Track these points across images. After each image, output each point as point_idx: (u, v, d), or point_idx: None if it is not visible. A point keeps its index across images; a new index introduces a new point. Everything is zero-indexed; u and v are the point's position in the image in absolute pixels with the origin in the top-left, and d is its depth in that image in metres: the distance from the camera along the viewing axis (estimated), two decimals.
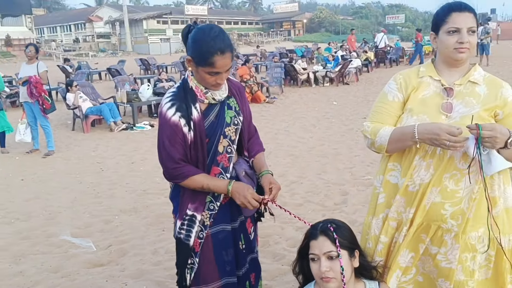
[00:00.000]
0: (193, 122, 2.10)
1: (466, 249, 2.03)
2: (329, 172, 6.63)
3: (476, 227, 2.03)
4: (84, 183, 6.72)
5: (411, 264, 2.16)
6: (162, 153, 2.14)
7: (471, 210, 2.01)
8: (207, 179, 2.13)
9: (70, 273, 3.85)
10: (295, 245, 4.23)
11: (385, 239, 2.17)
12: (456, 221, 2.02)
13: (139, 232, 4.78)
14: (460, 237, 2.02)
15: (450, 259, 2.04)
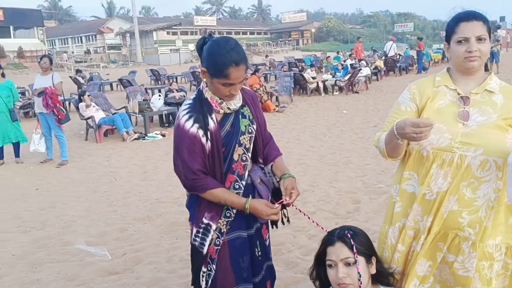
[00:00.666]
0: (210, 133, 2.15)
1: (484, 257, 2.04)
2: (341, 181, 6.64)
3: (493, 235, 2.04)
4: (98, 192, 6.79)
5: (429, 273, 2.17)
6: (181, 165, 2.17)
7: (489, 219, 2.02)
8: (225, 194, 2.18)
9: (86, 281, 3.90)
10: (308, 254, 4.24)
11: (402, 248, 2.18)
12: (474, 230, 2.03)
13: (154, 240, 4.83)
14: (477, 245, 2.03)
15: (467, 268, 2.05)
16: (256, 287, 2.35)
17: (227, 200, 2.17)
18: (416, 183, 2.15)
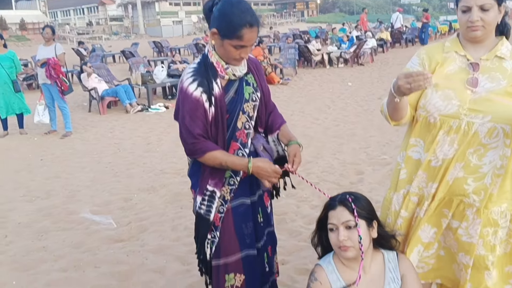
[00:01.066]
0: (215, 98, 2.11)
1: (488, 223, 2.03)
2: (345, 152, 6.64)
3: (499, 202, 2.03)
4: (102, 163, 6.82)
5: (433, 239, 2.17)
6: (182, 128, 2.14)
7: (494, 186, 2.00)
8: (226, 156, 2.14)
9: (91, 249, 3.95)
10: (311, 223, 4.27)
11: (405, 214, 2.18)
12: (478, 196, 2.02)
13: (158, 209, 4.87)
14: (482, 212, 2.02)
15: (471, 234, 2.05)
16: (259, 252, 2.37)
17: (228, 161, 2.12)
18: (422, 149, 2.14)
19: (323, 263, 1.96)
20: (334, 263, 1.94)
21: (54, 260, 3.76)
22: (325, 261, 1.97)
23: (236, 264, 2.20)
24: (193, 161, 2.28)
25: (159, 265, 3.58)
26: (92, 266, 3.61)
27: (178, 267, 3.54)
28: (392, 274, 1.91)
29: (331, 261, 1.95)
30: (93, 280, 3.37)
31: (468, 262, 2.08)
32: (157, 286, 3.24)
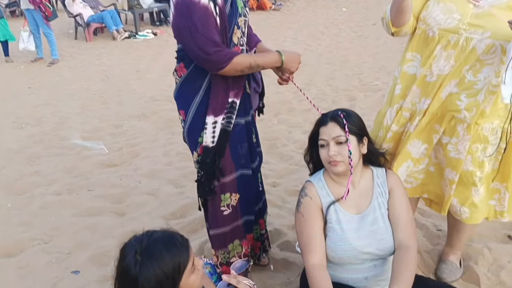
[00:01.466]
0: (219, 7, 1.97)
1: (478, 140, 2.04)
2: (337, 79, 6.57)
3: (491, 118, 2.02)
4: (91, 90, 6.72)
5: (424, 155, 2.19)
6: (198, 40, 1.91)
7: (488, 103, 1.98)
8: (253, 56, 2.03)
9: (84, 173, 3.98)
10: (302, 147, 4.30)
11: (396, 128, 2.19)
12: (470, 113, 2.01)
13: (149, 136, 4.86)
14: (472, 128, 2.02)
15: (459, 150, 2.06)
16: (253, 173, 2.38)
17: (257, 60, 2.02)
18: (419, 64, 2.10)
19: (314, 180, 1.98)
20: (324, 179, 1.96)
21: (48, 184, 3.79)
22: (315, 178, 1.99)
23: (232, 184, 2.21)
24: (182, 82, 2.18)
25: (152, 188, 3.62)
26: (86, 190, 3.65)
27: (171, 189, 3.58)
28: (380, 188, 1.94)
29: (321, 178, 1.97)
30: (87, 202, 3.42)
31: (454, 177, 2.11)
32: (151, 207, 3.29)
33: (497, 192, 2.18)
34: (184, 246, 1.38)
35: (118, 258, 1.36)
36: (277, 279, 2.46)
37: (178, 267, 1.34)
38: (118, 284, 1.36)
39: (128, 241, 1.38)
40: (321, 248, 1.86)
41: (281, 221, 3.00)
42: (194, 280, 1.41)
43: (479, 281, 2.30)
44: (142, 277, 1.28)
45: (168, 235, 1.39)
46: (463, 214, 2.18)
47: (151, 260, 1.30)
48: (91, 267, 2.60)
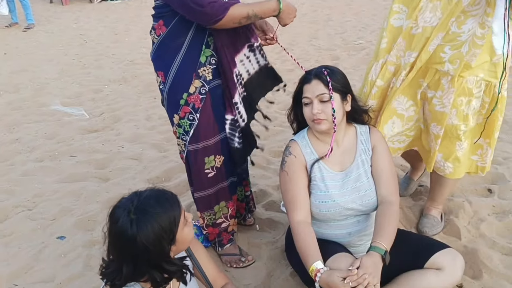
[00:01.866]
0: None
1: (463, 93, 2.04)
2: (321, 38, 6.50)
3: (476, 72, 2.02)
4: (69, 55, 6.55)
5: (414, 112, 2.20)
6: None
7: (473, 56, 1.97)
8: (250, 5, 1.93)
9: (65, 139, 3.92)
10: (285, 108, 4.25)
11: (381, 83, 2.17)
12: (453, 65, 2.00)
13: (131, 100, 4.78)
14: (456, 80, 2.01)
15: (444, 103, 2.07)
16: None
17: (255, 9, 1.93)
18: (405, 16, 2.07)
19: (298, 138, 1.97)
20: (308, 138, 1.95)
21: (29, 151, 3.73)
22: (299, 136, 1.98)
23: (216, 147, 2.19)
24: (161, 40, 2.11)
25: (136, 152, 3.59)
26: (68, 156, 3.60)
27: (155, 154, 3.56)
28: (363, 145, 1.94)
29: (305, 136, 1.96)
30: (70, 168, 3.38)
31: (439, 132, 2.13)
32: (135, 172, 3.27)
33: (479, 148, 2.21)
34: (174, 200, 1.39)
35: (108, 223, 1.34)
36: (263, 238, 2.49)
37: (174, 220, 1.35)
38: (113, 249, 1.35)
39: (115, 205, 1.36)
40: (305, 205, 1.87)
41: (266, 182, 3.02)
42: (187, 232, 1.43)
43: (460, 234, 2.36)
44: (141, 234, 1.27)
45: (158, 191, 1.39)
46: (446, 169, 2.21)
47: (147, 217, 1.30)
48: (77, 232, 2.60)
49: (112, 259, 1.37)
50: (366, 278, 1.55)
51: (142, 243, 1.28)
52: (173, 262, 1.38)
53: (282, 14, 2.02)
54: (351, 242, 1.96)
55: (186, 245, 1.45)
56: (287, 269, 2.20)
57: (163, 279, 1.36)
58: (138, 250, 1.28)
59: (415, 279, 1.81)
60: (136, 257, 1.31)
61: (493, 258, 2.16)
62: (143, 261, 1.31)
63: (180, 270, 1.40)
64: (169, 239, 1.34)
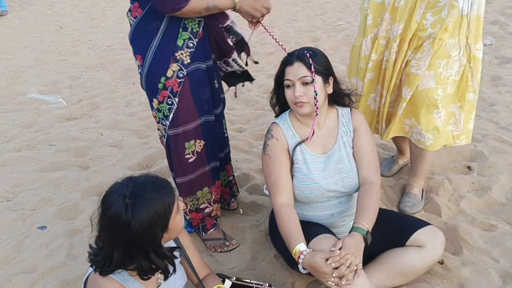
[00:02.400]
0: None
1: (441, 55, 2.11)
2: (300, 20, 6.47)
3: (453, 34, 2.10)
4: (45, 42, 6.40)
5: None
6: None
7: (450, 17, 2.05)
8: None
9: (44, 128, 3.85)
10: (266, 91, 4.26)
11: (375, 57, 2.28)
12: (435, 29, 2.09)
13: (109, 86, 4.71)
14: (436, 42, 2.09)
15: (420, 65, 2.14)
16: (217, 118, 2.34)
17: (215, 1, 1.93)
18: None
19: (279, 121, 1.96)
20: (290, 120, 1.95)
21: (6, 141, 3.65)
22: (281, 119, 1.97)
23: (196, 131, 2.17)
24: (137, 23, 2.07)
25: (116, 139, 3.54)
26: (46, 145, 3.54)
27: (135, 140, 3.52)
28: (345, 127, 1.94)
29: (287, 119, 1.95)
30: (50, 157, 3.32)
31: (407, 95, 2.20)
32: (115, 159, 3.23)
33: (452, 116, 2.28)
34: (169, 187, 1.38)
35: (100, 208, 1.32)
36: (247, 221, 2.49)
37: (168, 207, 1.34)
38: (105, 234, 1.33)
39: (108, 190, 1.34)
40: (288, 188, 1.87)
41: (249, 166, 3.01)
42: (179, 220, 1.43)
43: (440, 211, 2.39)
44: (136, 219, 1.26)
45: (153, 177, 1.38)
46: (427, 141, 2.25)
47: (142, 202, 1.28)
48: (58, 221, 2.56)
49: (102, 246, 1.35)
50: (348, 259, 1.57)
51: (136, 229, 1.26)
52: (163, 252, 1.37)
53: (240, 8, 2.00)
54: (334, 223, 1.97)
55: (177, 233, 1.45)
56: (271, 251, 2.22)
57: (150, 269, 1.35)
58: (132, 236, 1.27)
59: (397, 256, 1.84)
60: (128, 243, 1.29)
61: (473, 234, 2.20)
62: (135, 247, 1.30)
63: (167, 263, 1.39)
64: (162, 226, 1.33)
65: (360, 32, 2.35)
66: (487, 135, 3.10)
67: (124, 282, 1.38)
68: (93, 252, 1.38)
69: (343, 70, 4.54)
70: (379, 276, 1.85)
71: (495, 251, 2.09)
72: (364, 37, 2.32)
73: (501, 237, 2.17)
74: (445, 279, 1.95)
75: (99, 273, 1.34)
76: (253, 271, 2.11)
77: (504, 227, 2.24)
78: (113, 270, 1.34)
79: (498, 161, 2.74)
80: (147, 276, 1.36)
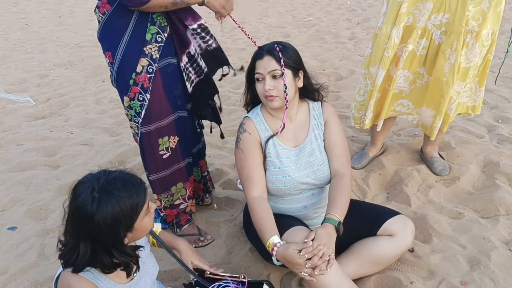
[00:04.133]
0: None
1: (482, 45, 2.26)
2: (271, 16, 6.49)
3: (487, 24, 2.22)
4: (10, 40, 6.23)
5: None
6: None
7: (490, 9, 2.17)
8: None
9: (12, 127, 3.76)
10: (239, 87, 4.28)
11: (411, 47, 2.36)
12: (477, 22, 2.20)
13: (78, 84, 4.63)
14: (479, 36, 2.23)
15: (469, 58, 2.28)
16: (189, 114, 2.34)
17: None
18: None
19: (252, 115, 1.97)
20: (262, 114, 1.96)
21: None
22: (253, 113, 1.98)
23: (169, 127, 2.15)
24: (106, 19, 2.05)
25: (86, 137, 3.49)
26: (14, 144, 3.45)
27: (106, 138, 3.47)
28: (316, 121, 1.97)
29: (259, 113, 1.97)
30: (18, 157, 3.24)
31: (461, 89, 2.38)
32: (86, 157, 3.18)
33: (469, 89, 2.47)
34: (141, 187, 1.36)
35: (70, 197, 1.30)
36: (221, 216, 2.50)
37: (136, 207, 1.32)
38: (69, 224, 1.30)
39: (80, 179, 1.32)
40: (261, 181, 1.89)
41: (222, 161, 3.02)
42: (147, 222, 1.40)
43: (410, 201, 2.45)
44: (99, 214, 1.24)
45: (127, 175, 1.36)
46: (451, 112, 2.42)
47: (109, 198, 1.26)
48: (29, 222, 2.51)
49: (68, 237, 1.33)
50: (321, 249, 1.60)
51: (98, 223, 1.24)
52: (124, 250, 1.35)
53: (209, 4, 2.00)
54: (307, 215, 2.00)
55: (143, 234, 1.43)
56: (246, 245, 2.23)
57: (112, 265, 1.33)
58: (94, 230, 1.26)
59: (369, 246, 1.89)
60: (92, 236, 1.28)
61: (442, 222, 2.27)
62: (97, 241, 1.29)
63: (128, 261, 1.37)
64: (126, 225, 1.31)
65: (388, 21, 2.36)
66: (454, 126, 3.19)
67: (94, 280, 1.36)
68: (62, 244, 1.36)
69: (313, 65, 4.60)
70: (352, 265, 1.89)
71: (462, 238, 2.16)
72: (394, 25, 2.33)
73: (468, 225, 2.24)
74: (415, 267, 2.01)
75: (72, 270, 1.32)
76: (228, 265, 2.13)
77: (471, 215, 2.32)
78: (83, 267, 1.32)
79: (465, 151, 2.82)
80: (109, 271, 1.34)
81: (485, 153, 2.79)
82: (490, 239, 2.12)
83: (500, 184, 2.48)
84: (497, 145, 2.93)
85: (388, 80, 2.48)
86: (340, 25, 6.01)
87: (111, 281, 1.39)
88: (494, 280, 1.89)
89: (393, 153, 2.89)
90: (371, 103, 2.54)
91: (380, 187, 2.66)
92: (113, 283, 1.40)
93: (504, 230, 2.19)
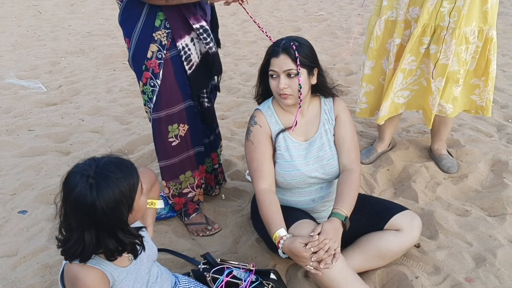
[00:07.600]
0: None
1: (461, 42, 2.29)
2: (282, 10, 6.48)
3: (469, 22, 2.26)
4: (23, 27, 6.27)
5: (415, 67, 2.43)
6: None
7: (466, 6, 2.18)
8: None
9: (23, 113, 3.79)
10: (248, 80, 4.28)
11: (398, 41, 2.42)
12: (453, 18, 2.22)
13: (90, 72, 4.65)
14: (456, 33, 2.23)
15: (448, 55, 2.29)
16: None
17: None
18: None
19: (263, 108, 1.98)
20: (273, 108, 1.97)
21: None
22: (264, 106, 1.99)
23: (179, 115, 2.17)
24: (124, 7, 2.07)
25: (97, 125, 3.52)
26: (26, 130, 3.49)
27: (117, 126, 3.50)
28: (327, 115, 1.97)
29: (270, 106, 1.98)
30: (29, 142, 3.28)
31: (440, 85, 2.37)
32: (96, 145, 3.21)
33: (477, 87, 2.51)
34: (133, 167, 1.37)
35: (63, 192, 1.28)
36: (229, 207, 2.52)
37: (133, 186, 1.32)
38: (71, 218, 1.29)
39: (70, 171, 1.31)
40: (270, 173, 1.90)
41: (231, 152, 3.04)
42: (143, 200, 1.41)
43: (417, 197, 2.46)
44: (101, 199, 1.24)
45: (117, 158, 1.36)
46: (448, 110, 2.49)
47: (107, 181, 1.26)
48: (39, 206, 2.55)
49: (70, 231, 1.31)
50: (326, 243, 1.61)
51: (102, 209, 1.24)
52: (129, 231, 1.36)
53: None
54: (315, 208, 2.01)
55: (141, 214, 1.43)
56: (253, 235, 2.25)
57: (117, 249, 1.34)
58: (98, 217, 1.25)
59: (375, 240, 1.90)
60: (96, 224, 1.27)
61: (448, 219, 2.28)
62: (102, 228, 1.29)
63: (134, 242, 1.38)
64: (128, 205, 1.31)
65: (375, 12, 2.51)
66: (463, 125, 3.19)
67: (99, 265, 1.37)
68: (61, 241, 1.33)
69: (324, 60, 4.60)
70: (358, 259, 1.90)
71: (469, 235, 2.17)
72: (378, 17, 2.46)
73: (474, 222, 2.25)
74: (421, 262, 2.02)
75: (80, 260, 1.31)
76: (235, 254, 2.15)
77: (478, 213, 2.33)
78: (90, 256, 1.32)
79: (474, 149, 2.82)
80: (114, 257, 1.35)
81: (494, 152, 2.79)
82: (496, 237, 2.13)
83: (508, 183, 2.48)
84: (506, 144, 2.92)
85: (381, 74, 2.57)
86: (351, 20, 5.99)
87: (113, 265, 1.40)
88: (499, 277, 1.90)
89: (402, 149, 2.90)
90: (360, 91, 2.66)
91: (388, 182, 2.67)
92: (115, 267, 1.41)
93: (510, 229, 2.19)
